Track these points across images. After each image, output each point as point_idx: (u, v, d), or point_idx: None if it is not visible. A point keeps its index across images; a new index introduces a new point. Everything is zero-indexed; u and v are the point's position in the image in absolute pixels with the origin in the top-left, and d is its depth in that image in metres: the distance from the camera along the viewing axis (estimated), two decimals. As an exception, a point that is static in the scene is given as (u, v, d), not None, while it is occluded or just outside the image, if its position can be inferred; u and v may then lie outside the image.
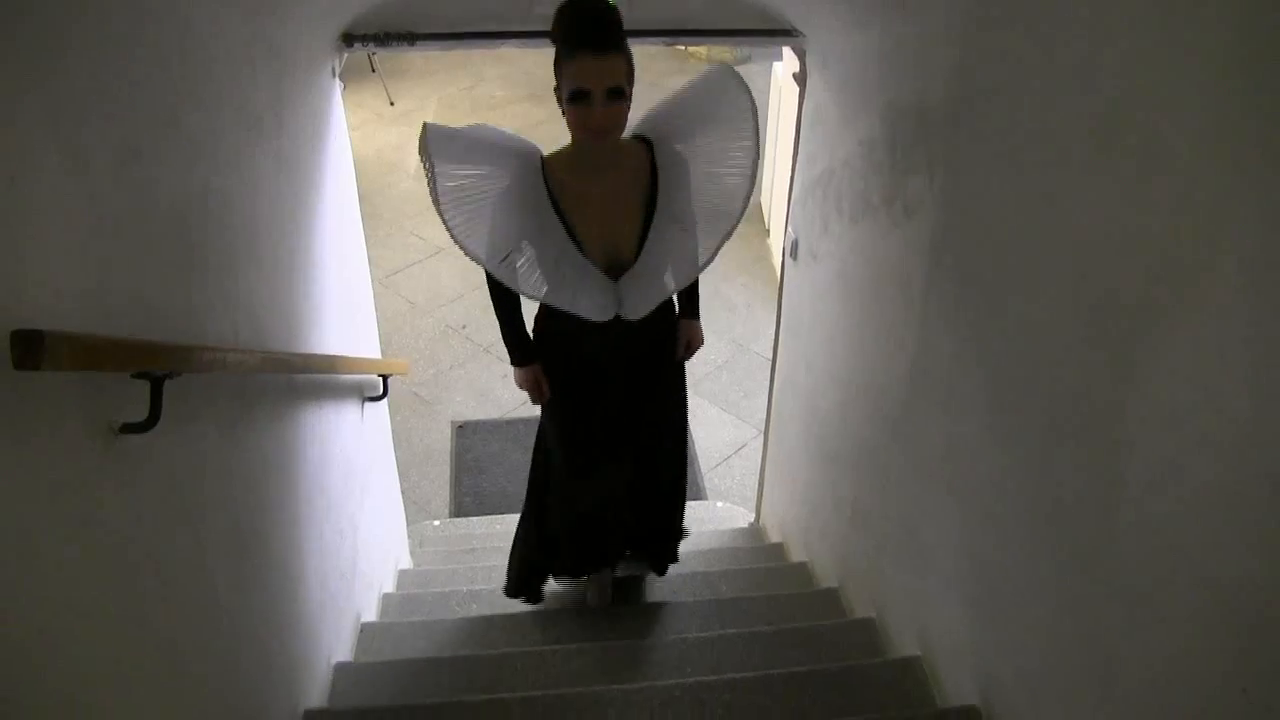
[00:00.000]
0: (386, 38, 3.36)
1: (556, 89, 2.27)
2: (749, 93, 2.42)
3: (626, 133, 2.45)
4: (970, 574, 2.30)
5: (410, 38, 3.38)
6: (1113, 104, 1.54)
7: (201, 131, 1.99)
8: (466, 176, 2.34)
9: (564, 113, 2.27)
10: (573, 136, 2.36)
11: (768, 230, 7.63)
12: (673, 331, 2.92)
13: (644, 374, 2.89)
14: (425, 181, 2.27)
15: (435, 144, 2.27)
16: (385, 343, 5.49)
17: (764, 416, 4.87)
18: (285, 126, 2.66)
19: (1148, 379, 1.47)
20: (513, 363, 2.83)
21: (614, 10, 2.17)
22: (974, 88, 2.11)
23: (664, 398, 3.04)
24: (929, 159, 2.36)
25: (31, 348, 1.20)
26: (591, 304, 2.49)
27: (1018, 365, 1.96)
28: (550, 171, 2.43)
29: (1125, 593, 1.59)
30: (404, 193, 8.68)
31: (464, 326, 6.96)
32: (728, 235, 2.55)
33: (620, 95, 2.21)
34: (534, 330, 2.80)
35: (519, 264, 2.48)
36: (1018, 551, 2.01)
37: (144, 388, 1.58)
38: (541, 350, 2.81)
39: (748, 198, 2.51)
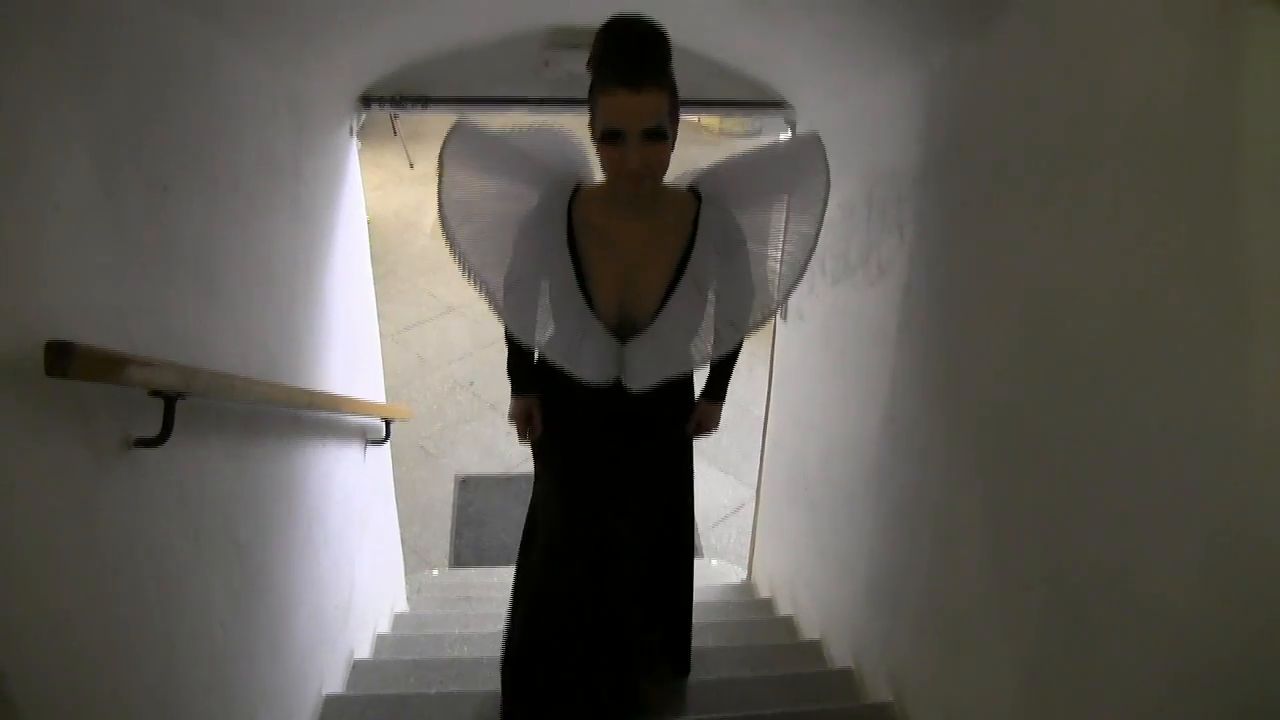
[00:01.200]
0: (402, 100, 3.55)
1: (590, 122, 1.99)
2: (827, 175, 2.11)
3: (684, 181, 2.21)
4: (936, 617, 2.39)
5: (424, 101, 3.57)
6: (1052, 162, 1.70)
7: (226, 173, 2.16)
8: (482, 190, 2.11)
9: (599, 152, 2.00)
10: (605, 177, 2.08)
11: (772, 298, 7.77)
12: (686, 408, 2.61)
13: (645, 447, 2.57)
14: (442, 240, 2.08)
15: (457, 146, 2.05)
16: (395, 396, 5.62)
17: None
18: (303, 176, 2.83)
19: (1087, 419, 1.60)
20: (512, 391, 2.54)
21: (659, 37, 1.88)
22: (935, 154, 2.28)
23: (665, 478, 2.73)
24: (900, 220, 2.51)
25: (62, 357, 1.35)
26: (589, 364, 2.22)
27: (974, 410, 2.09)
28: (579, 204, 2.15)
29: (1082, 632, 1.68)
30: (420, 250, 8.89)
31: (471, 383, 7.09)
32: (757, 326, 2.26)
33: (660, 136, 1.91)
34: (537, 363, 2.48)
35: (519, 299, 2.22)
36: (978, 593, 2.11)
37: (158, 405, 1.72)
38: (541, 385, 2.49)
39: (791, 290, 2.21)
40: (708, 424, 2.69)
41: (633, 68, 1.85)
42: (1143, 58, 1.42)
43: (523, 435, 2.60)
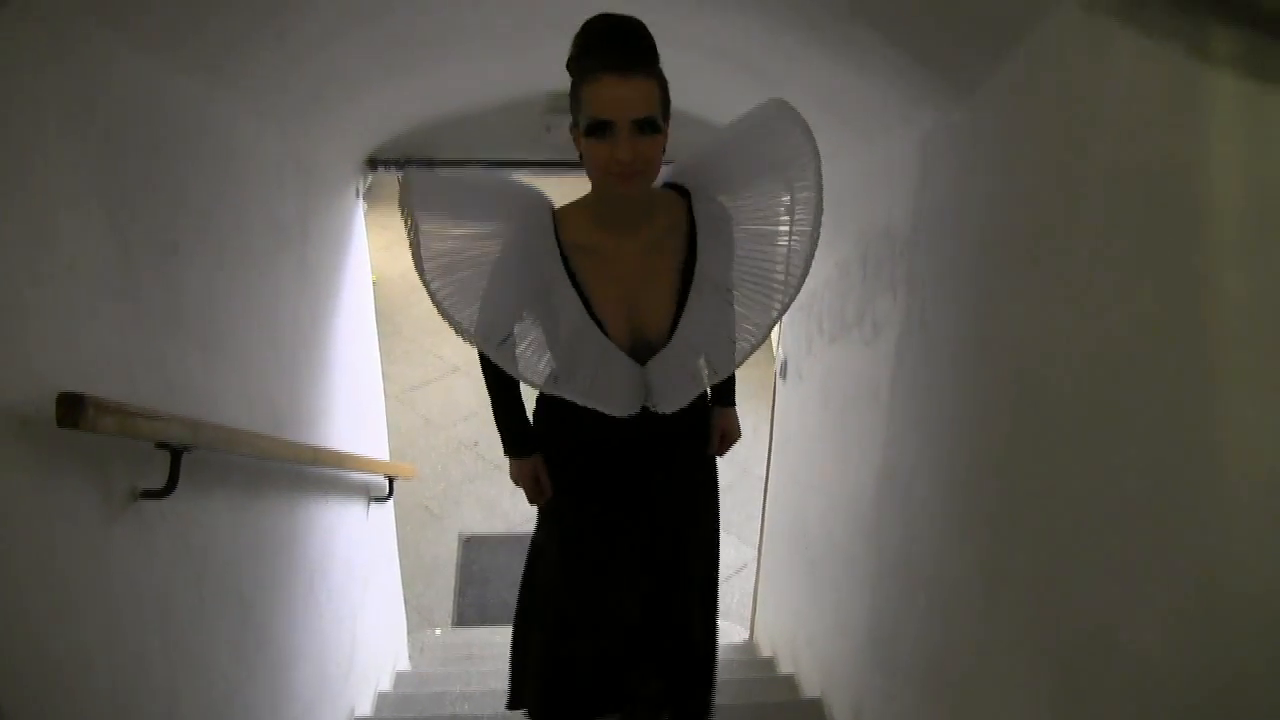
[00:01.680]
0: (408, 162, 3.65)
1: (573, 127, 1.81)
2: (809, 132, 1.91)
3: (658, 179, 1.97)
4: (931, 674, 2.40)
5: (429, 163, 3.66)
6: (1035, 223, 1.76)
7: (233, 234, 2.23)
8: (459, 236, 1.90)
9: (580, 157, 1.82)
10: (593, 184, 1.90)
11: (774, 356, 7.83)
12: (704, 422, 2.39)
13: (670, 475, 2.34)
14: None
15: (420, 195, 1.82)
16: (400, 456, 5.66)
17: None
18: (309, 237, 2.90)
19: (1072, 476, 1.63)
20: (507, 453, 2.30)
21: (644, 28, 1.74)
22: (926, 215, 2.34)
23: (694, 507, 2.45)
24: (893, 280, 2.56)
25: (73, 409, 1.40)
26: (613, 396, 2.02)
27: (965, 469, 2.12)
28: (563, 228, 1.96)
29: (1072, 685, 1.68)
30: (425, 312, 8.85)
31: (476, 443, 7.13)
32: (783, 310, 2.05)
33: (653, 128, 1.73)
34: (534, 414, 2.31)
35: (523, 345, 2.04)
36: (971, 650, 2.12)
37: (165, 458, 1.77)
38: (543, 440, 2.30)
39: (808, 262, 1.98)
40: (731, 432, 2.48)
41: (620, 53, 1.70)
42: (1116, 124, 1.47)
43: (533, 498, 2.37)
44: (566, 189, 2.11)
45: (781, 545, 4.33)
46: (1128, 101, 1.45)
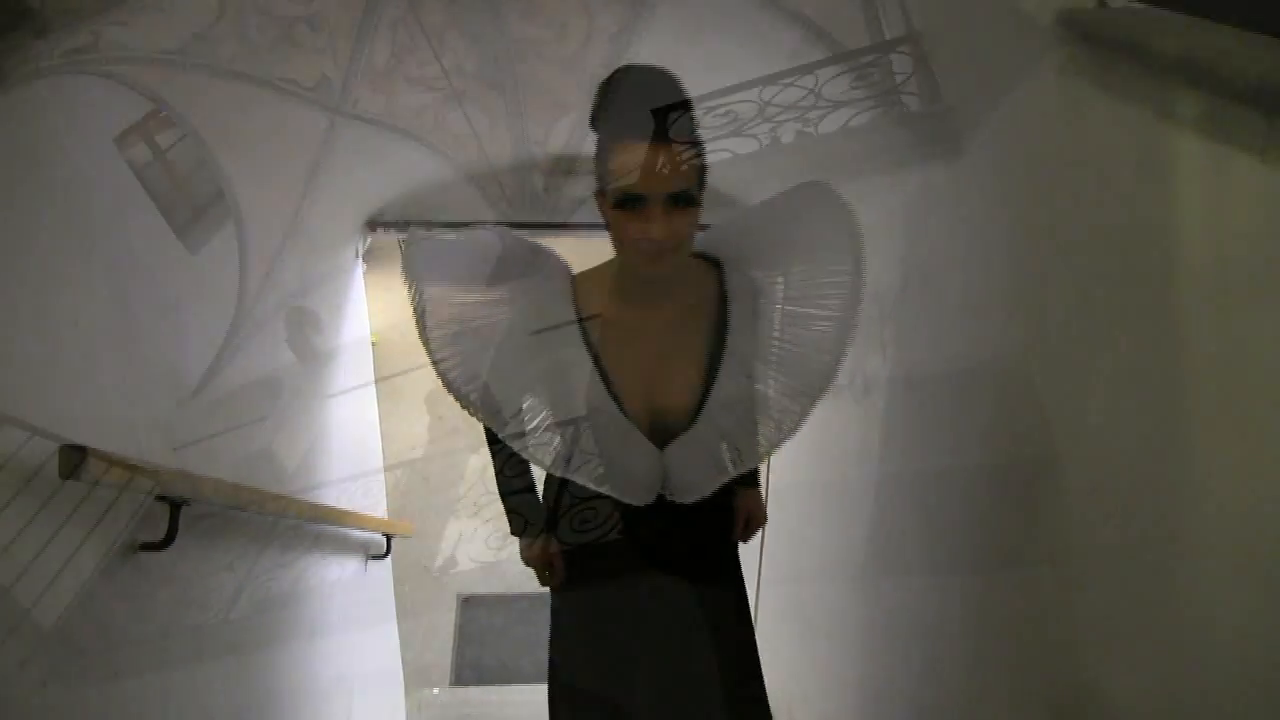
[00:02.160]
0: (407, 224, 3.70)
1: (598, 192, 1.61)
2: (851, 214, 1.74)
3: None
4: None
5: (428, 225, 3.71)
6: (1016, 279, 1.80)
7: (234, 293, 2.27)
8: (466, 303, 1.73)
9: (607, 224, 1.61)
10: (619, 255, 1.69)
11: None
12: (727, 507, 2.06)
13: (692, 567, 2.01)
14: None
15: (425, 259, 1.70)
16: (399, 515, 5.65)
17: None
18: (309, 294, 2.95)
19: (1053, 532, 1.66)
20: (514, 532, 2.04)
21: (676, 82, 1.54)
22: (912, 273, 2.38)
23: (722, 603, 2.14)
24: (882, 338, 2.60)
25: (75, 461, 1.43)
26: (629, 481, 1.80)
27: (951, 524, 2.14)
28: (582, 297, 1.75)
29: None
30: (425, 372, 8.94)
31: (475, 503, 7.12)
32: (817, 397, 1.80)
33: (689, 202, 1.54)
34: (543, 493, 2.04)
35: (534, 422, 1.80)
36: (962, 706, 2.14)
37: (164, 510, 1.79)
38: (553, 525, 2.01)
39: (842, 350, 1.77)
40: (757, 516, 2.14)
41: (655, 119, 1.51)
42: (1091, 182, 1.53)
43: (545, 581, 2.09)
44: (566, 246, 2.06)
45: (776, 602, 4.31)
46: (1101, 161, 1.50)
